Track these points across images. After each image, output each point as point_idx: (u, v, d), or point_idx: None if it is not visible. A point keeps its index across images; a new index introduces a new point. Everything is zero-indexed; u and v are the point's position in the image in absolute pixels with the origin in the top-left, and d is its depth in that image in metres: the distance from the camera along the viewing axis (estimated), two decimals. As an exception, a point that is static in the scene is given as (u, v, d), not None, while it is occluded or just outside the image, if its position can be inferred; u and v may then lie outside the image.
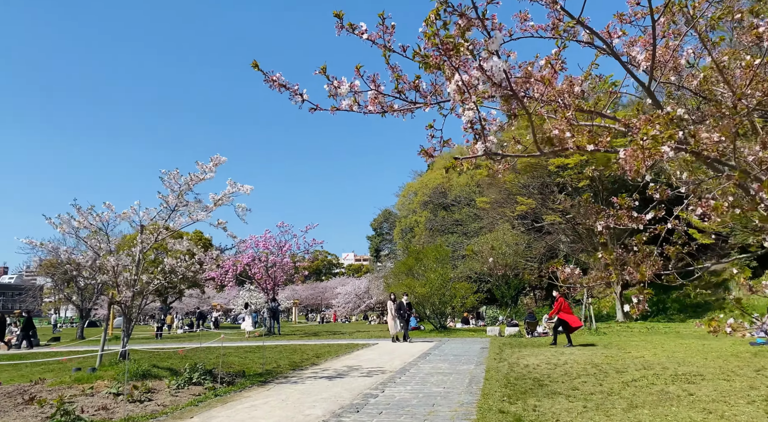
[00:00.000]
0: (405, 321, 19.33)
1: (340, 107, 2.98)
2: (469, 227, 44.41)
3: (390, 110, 3.15)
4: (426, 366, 12.18)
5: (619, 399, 7.32)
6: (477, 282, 30.56)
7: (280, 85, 2.87)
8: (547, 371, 10.67)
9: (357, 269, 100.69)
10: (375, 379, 10.18)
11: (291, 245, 25.71)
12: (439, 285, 25.45)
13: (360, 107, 2.99)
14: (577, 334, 19.96)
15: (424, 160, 3.46)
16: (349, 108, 2.96)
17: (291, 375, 10.92)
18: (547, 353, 14.26)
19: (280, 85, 2.87)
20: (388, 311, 19.41)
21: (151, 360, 12.88)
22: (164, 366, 10.48)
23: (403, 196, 55.24)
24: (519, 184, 37.45)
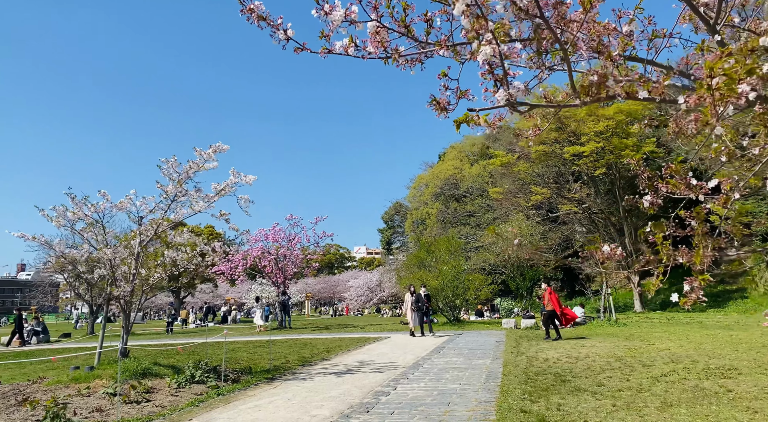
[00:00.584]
0: (424, 313, 18.50)
1: (333, 50, 2.43)
2: (481, 218, 43.73)
3: (395, 55, 2.58)
4: (440, 360, 11.67)
5: (650, 397, 6.75)
6: (491, 274, 29.96)
7: (259, 17, 2.34)
8: (569, 365, 10.11)
9: (369, 263, 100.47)
10: (387, 375, 9.70)
11: (300, 238, 25.30)
12: (452, 277, 24.90)
13: (357, 48, 2.44)
14: (597, 325, 19.35)
15: (435, 114, 2.86)
16: (344, 51, 2.42)
17: (299, 372, 10.48)
18: (567, 346, 13.69)
19: (259, 18, 2.34)
20: (406, 304, 18.57)
21: (155, 356, 12.52)
22: (166, 364, 10.08)
23: (414, 188, 54.67)
24: (533, 173, 36.69)
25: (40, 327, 22.79)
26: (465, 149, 52.48)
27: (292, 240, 25.04)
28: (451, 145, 54.90)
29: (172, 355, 13.85)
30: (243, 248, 25.34)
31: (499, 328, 21.56)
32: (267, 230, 25.26)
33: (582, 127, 32.81)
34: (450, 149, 54.16)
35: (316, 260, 28.08)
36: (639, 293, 34.48)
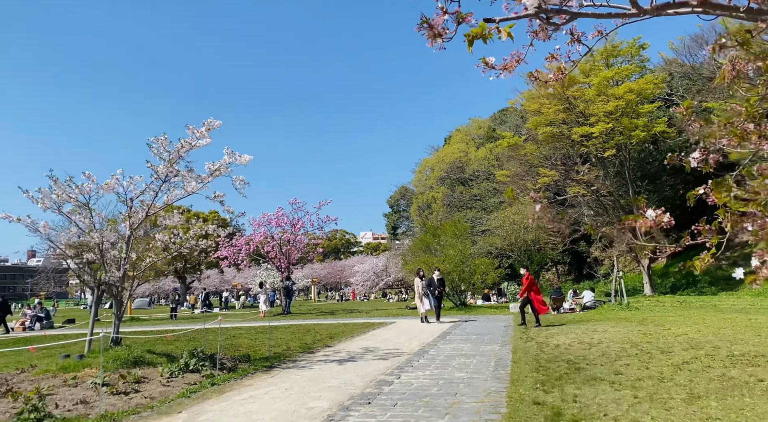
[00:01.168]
0: (436, 298, 17.55)
1: None
2: (488, 201, 43.14)
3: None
4: (446, 346, 11.23)
5: (674, 387, 6.26)
6: (498, 258, 29.47)
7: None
8: (582, 351, 9.64)
9: (375, 248, 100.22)
10: (391, 363, 9.26)
11: (304, 223, 24.84)
12: (459, 261, 24.43)
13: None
14: (608, 310, 18.87)
15: (428, 43, 2.21)
16: None
17: (300, 359, 10.06)
18: (578, 331, 13.22)
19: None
20: (415, 289, 17.67)
21: (153, 344, 12.15)
22: (161, 352, 9.68)
23: (420, 172, 54.01)
24: (541, 155, 36.00)
25: (43, 312, 22.56)
26: (471, 132, 51.72)
27: (295, 225, 24.59)
28: (457, 128, 54.16)
29: (170, 342, 13.48)
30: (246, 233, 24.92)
31: (506, 313, 21.12)
32: (271, 214, 24.83)
33: (591, 107, 32.02)
34: (456, 132, 53.39)
35: (321, 245, 27.70)
36: (649, 276, 33.92)
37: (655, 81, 32.23)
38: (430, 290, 17.13)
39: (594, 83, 31.79)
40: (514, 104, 38.09)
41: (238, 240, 24.44)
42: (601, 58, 34.04)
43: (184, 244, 8.55)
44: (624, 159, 34.69)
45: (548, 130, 33.08)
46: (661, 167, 37.44)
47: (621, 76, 32.65)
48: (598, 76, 31.74)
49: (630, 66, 33.05)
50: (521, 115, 46.29)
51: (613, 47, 33.64)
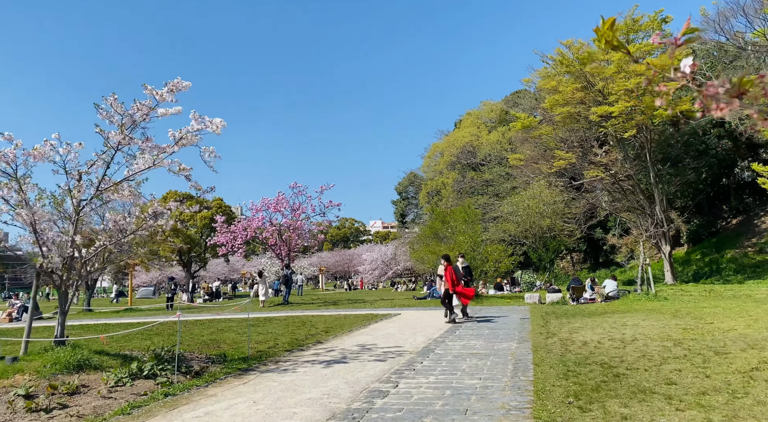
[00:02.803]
0: None
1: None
2: (500, 187, 41.46)
3: None
4: (455, 343, 9.78)
5: (757, 407, 4.75)
6: (511, 245, 27.90)
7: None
8: (616, 351, 8.13)
9: (385, 237, 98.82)
10: (389, 364, 7.83)
11: (306, 208, 23.41)
12: (469, 248, 22.92)
13: None
14: (634, 300, 17.30)
15: None
16: None
17: (284, 359, 8.65)
18: (605, 324, 11.70)
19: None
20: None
21: (120, 342, 10.81)
22: (115, 353, 8.29)
23: (429, 157, 52.36)
24: (556, 137, 34.19)
25: (30, 303, 21.42)
26: (482, 116, 49.89)
27: (296, 210, 23.18)
28: (468, 112, 52.32)
29: (149, 337, 12.17)
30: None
31: (521, 303, 19.63)
32: (270, 199, 23.42)
33: (610, 85, 30.15)
34: (466, 115, 51.56)
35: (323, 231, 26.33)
36: (670, 264, 32.21)
37: (679, 57, 30.09)
38: None
39: (614, 60, 29.89)
40: (529, 83, 36.22)
41: (236, 226, 23.08)
42: (621, 34, 32.05)
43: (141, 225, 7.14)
44: (644, 141, 32.82)
45: (565, 110, 31.25)
46: (683, 149, 35.52)
47: (642, 52, 30.65)
48: (618, 53, 29.79)
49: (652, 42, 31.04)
50: (535, 97, 44.38)
51: (633, 21, 31.65)
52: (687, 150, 35.30)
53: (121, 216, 7.02)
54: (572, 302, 18.70)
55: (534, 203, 29.79)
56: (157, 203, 7.22)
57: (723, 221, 41.70)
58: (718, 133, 34.98)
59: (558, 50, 32.68)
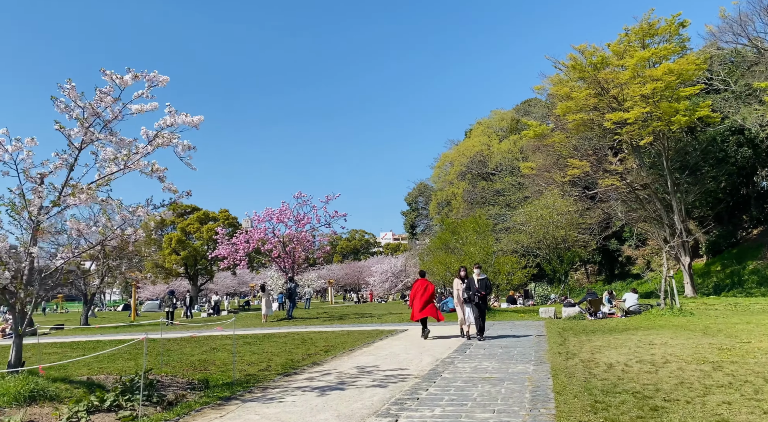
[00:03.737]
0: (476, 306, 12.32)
1: None
2: (511, 197, 40.49)
3: None
4: (466, 366, 8.84)
5: None
6: (524, 256, 26.87)
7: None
8: (648, 376, 7.16)
9: (395, 249, 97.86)
10: (390, 392, 6.92)
11: (311, 218, 22.62)
12: (480, 260, 21.95)
13: None
14: (657, 315, 16.21)
15: None
16: None
17: (274, 385, 7.77)
18: (629, 343, 10.70)
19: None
20: (454, 294, 13.25)
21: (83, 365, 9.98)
22: (79, 380, 7.41)
23: (439, 167, 51.53)
24: (570, 145, 33.23)
25: (26, 318, 20.73)
26: (493, 125, 49.05)
27: (300, 221, 22.38)
28: (478, 121, 51.55)
29: (134, 357, 11.35)
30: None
31: (536, 318, 18.60)
32: (274, 209, 22.65)
33: (625, 90, 29.20)
34: (477, 125, 50.76)
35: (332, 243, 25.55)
36: (690, 276, 30.97)
37: (697, 61, 29.24)
38: (468, 293, 12.38)
39: (629, 65, 28.95)
40: (541, 91, 35.33)
41: (237, 238, 22.31)
42: (636, 39, 31.16)
43: (107, 234, 6.33)
44: (661, 148, 31.74)
45: (579, 117, 30.32)
46: (701, 157, 34.33)
47: (659, 56, 29.74)
48: (633, 58, 28.89)
49: (669, 45, 30.05)
50: (547, 105, 43.52)
51: (649, 26, 30.72)
52: (705, 158, 34.11)
53: (84, 225, 6.24)
54: (590, 316, 17.66)
55: (547, 213, 28.77)
56: (126, 210, 6.42)
57: (743, 232, 40.32)
58: (737, 140, 33.78)
59: (571, 56, 31.84)
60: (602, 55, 31.10)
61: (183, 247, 46.89)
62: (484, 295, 12.45)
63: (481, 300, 12.38)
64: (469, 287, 12.47)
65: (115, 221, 6.49)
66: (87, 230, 6.32)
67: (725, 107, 33.63)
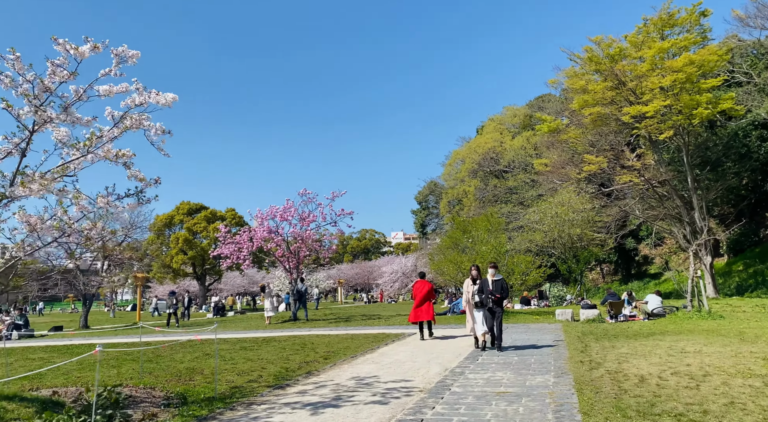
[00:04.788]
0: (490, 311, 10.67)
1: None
2: (525, 194, 39.38)
3: None
4: (478, 377, 7.90)
5: None
6: (538, 255, 25.81)
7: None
8: (689, 393, 6.19)
9: (406, 248, 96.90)
10: (391, 411, 6.01)
11: (316, 216, 21.75)
12: (493, 259, 20.97)
13: None
14: (683, 318, 15.13)
15: None
16: None
17: (261, 400, 6.90)
18: (658, 351, 9.69)
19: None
20: (464, 296, 11.82)
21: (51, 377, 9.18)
22: (34, 397, 6.55)
23: (450, 165, 50.48)
24: (586, 141, 32.07)
25: (22, 319, 20.13)
26: (505, 121, 47.93)
27: (305, 219, 21.53)
28: (490, 117, 50.42)
29: (119, 364, 10.55)
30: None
31: (552, 320, 17.60)
32: (279, 207, 21.83)
33: (644, 83, 28.01)
34: (489, 121, 49.66)
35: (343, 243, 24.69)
36: (711, 276, 29.69)
37: (719, 52, 27.97)
38: (480, 297, 10.81)
39: (648, 56, 27.76)
40: (555, 85, 34.20)
41: (240, 236, 21.51)
42: (655, 29, 29.93)
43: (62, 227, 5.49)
44: (681, 143, 30.47)
45: (595, 110, 29.17)
46: (722, 152, 32.98)
47: (679, 47, 28.50)
48: (652, 49, 27.69)
49: (689, 36, 28.78)
50: (561, 100, 42.36)
51: (668, 16, 29.48)
52: (727, 153, 32.77)
53: (36, 219, 5.42)
54: (610, 319, 16.62)
55: (563, 211, 27.65)
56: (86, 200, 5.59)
57: (766, 230, 38.85)
58: (760, 134, 32.43)
59: (587, 48, 30.69)
60: (619, 46, 29.93)
61: (190, 247, 46.35)
62: (499, 298, 10.73)
63: (496, 304, 10.67)
64: (481, 289, 10.85)
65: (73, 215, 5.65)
66: (40, 225, 5.48)
67: (748, 100, 32.30)
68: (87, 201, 5.70)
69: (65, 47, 5.36)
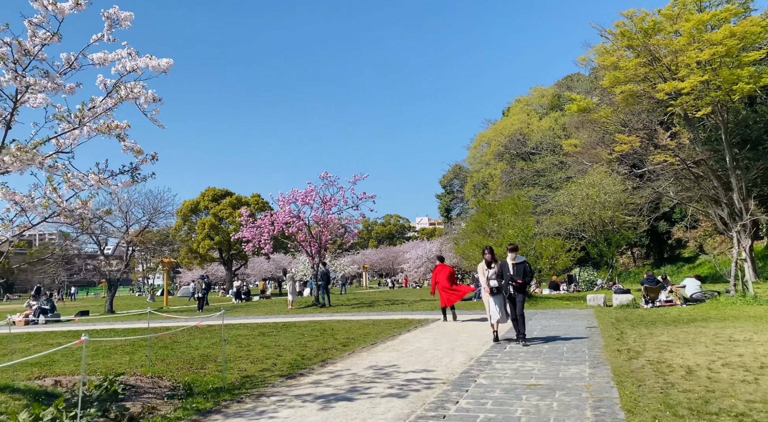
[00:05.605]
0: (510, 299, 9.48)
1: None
2: (553, 177, 38.25)
3: None
4: (505, 367, 7.31)
5: None
6: (568, 239, 24.90)
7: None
8: (747, 388, 5.50)
9: (431, 233, 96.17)
10: (410, 405, 5.48)
11: (338, 200, 21.26)
12: (520, 243, 20.21)
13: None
14: (725, 304, 14.23)
15: None
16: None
17: (271, 391, 6.44)
18: (703, 338, 8.95)
19: None
20: (480, 281, 10.34)
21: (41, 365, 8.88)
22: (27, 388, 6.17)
23: (475, 148, 49.39)
24: (617, 120, 30.78)
25: (48, 304, 20.24)
26: (532, 102, 46.57)
27: (327, 202, 21.06)
28: (516, 98, 49.08)
29: (134, 351, 10.27)
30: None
31: (583, 306, 16.85)
32: (300, 190, 21.40)
33: (680, 58, 26.59)
34: (515, 102, 48.34)
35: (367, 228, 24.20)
36: (751, 259, 28.34)
37: (762, 23, 26.33)
38: (499, 282, 9.59)
39: (685, 29, 26.31)
40: (585, 62, 32.83)
41: (262, 220, 21.19)
42: (692, 1, 28.34)
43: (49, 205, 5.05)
44: (719, 121, 28.99)
45: (627, 88, 27.89)
46: (764, 130, 31.31)
47: (718, 19, 26.93)
48: (689, 21, 26.21)
49: (731, 6, 27.16)
50: (591, 80, 40.84)
51: (707, -14, 27.89)
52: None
53: (21, 196, 4.99)
54: (645, 305, 15.80)
55: (594, 192, 26.62)
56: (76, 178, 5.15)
57: None
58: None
59: (618, 23, 29.31)
60: (653, 20, 28.47)
61: (216, 232, 46.51)
62: (521, 284, 9.36)
63: (517, 291, 9.33)
64: (501, 274, 9.57)
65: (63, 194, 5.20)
66: (29, 203, 5.05)
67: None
68: (78, 178, 5.24)
69: (42, 3, 4.86)
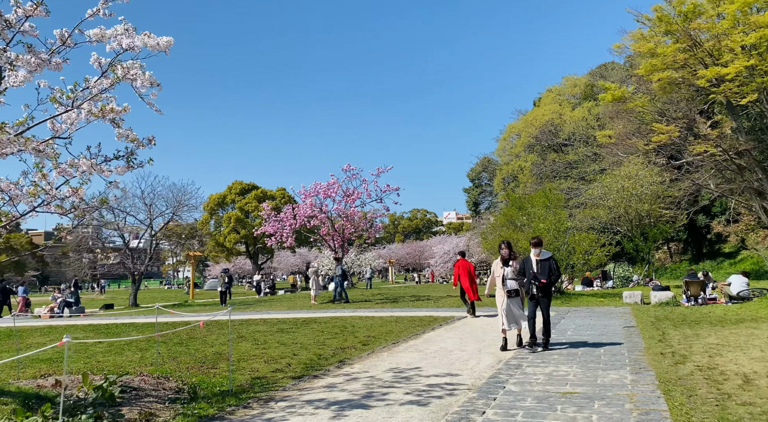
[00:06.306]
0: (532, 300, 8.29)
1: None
2: (586, 169, 36.98)
3: None
4: (537, 371, 6.70)
5: None
6: (602, 233, 23.90)
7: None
8: (820, 404, 4.77)
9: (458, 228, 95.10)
10: (431, 414, 4.93)
11: (361, 193, 20.78)
12: (551, 238, 19.39)
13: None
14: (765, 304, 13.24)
15: None
16: None
17: (282, 395, 5.97)
18: (757, 341, 8.18)
19: None
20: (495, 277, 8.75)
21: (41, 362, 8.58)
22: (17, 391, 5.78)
23: (504, 140, 48.28)
24: (654, 109, 29.47)
25: (73, 297, 20.35)
26: (564, 92, 45.22)
27: (350, 195, 20.61)
28: (548, 88, 47.73)
29: (147, 348, 9.96)
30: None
31: (619, 303, 16.01)
32: (323, 183, 21.01)
33: (723, 42, 25.19)
34: (546, 92, 47.02)
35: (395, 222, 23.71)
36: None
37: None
38: (520, 281, 8.38)
39: (729, 11, 24.90)
40: (620, 49, 31.46)
41: (285, 214, 20.86)
42: (733, -18, 26.82)
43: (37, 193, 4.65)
44: (765, 109, 27.43)
45: (665, 75, 26.56)
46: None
47: (765, 1, 25.42)
48: (734, 3, 24.78)
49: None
50: (626, 68, 39.35)
51: (751, -36, 26.33)
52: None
53: (7, 184, 4.61)
54: (686, 302, 14.88)
55: (630, 185, 25.51)
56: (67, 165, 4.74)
57: None
58: None
59: (656, 7, 27.97)
60: (693, 3, 27.06)
61: (242, 226, 46.72)
62: (546, 284, 8.12)
63: (541, 292, 8.12)
64: (522, 271, 8.31)
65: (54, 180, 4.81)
66: (15, 190, 4.68)
67: None
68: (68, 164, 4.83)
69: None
